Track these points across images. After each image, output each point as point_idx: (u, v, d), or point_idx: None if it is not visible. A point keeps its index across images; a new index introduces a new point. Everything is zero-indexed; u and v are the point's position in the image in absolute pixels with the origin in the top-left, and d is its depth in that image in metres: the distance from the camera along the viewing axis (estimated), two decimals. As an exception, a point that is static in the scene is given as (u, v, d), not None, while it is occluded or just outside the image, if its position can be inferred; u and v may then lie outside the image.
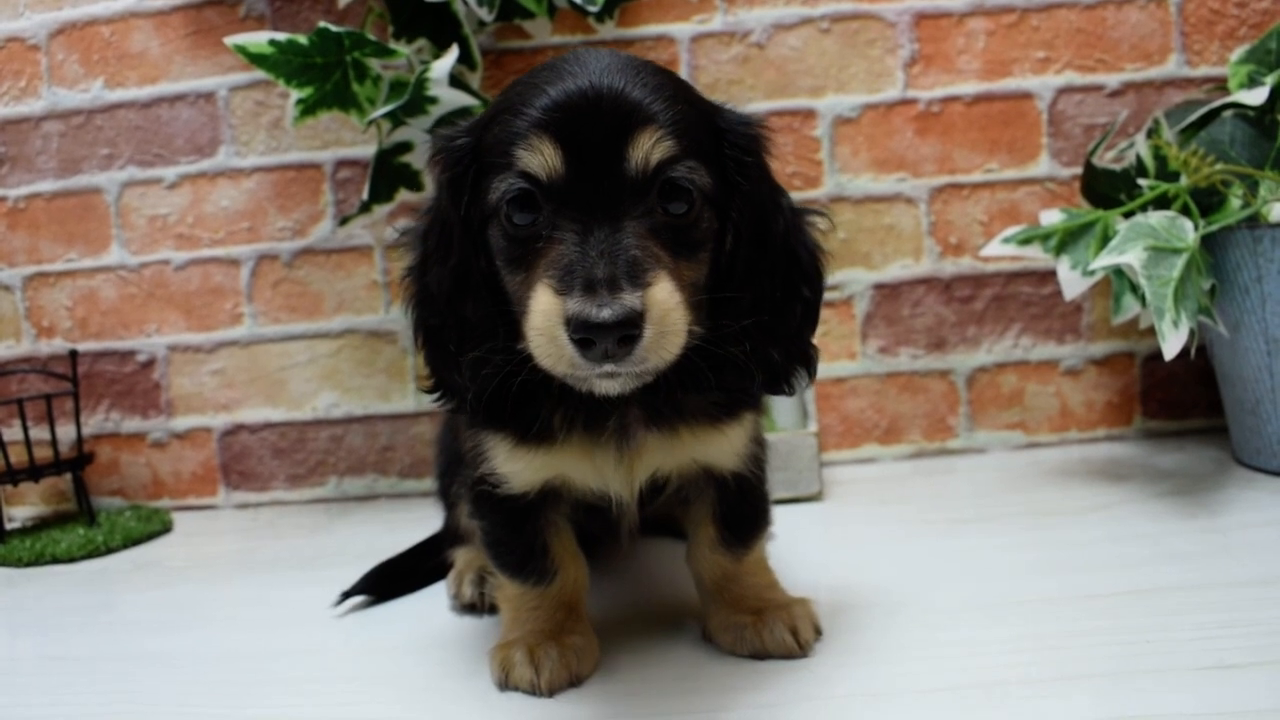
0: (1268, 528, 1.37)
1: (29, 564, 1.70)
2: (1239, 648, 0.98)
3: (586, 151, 0.87)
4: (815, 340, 1.04)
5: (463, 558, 1.35)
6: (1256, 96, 1.60)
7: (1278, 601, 1.09)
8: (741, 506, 1.10)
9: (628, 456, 1.01)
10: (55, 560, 1.71)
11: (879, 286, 1.98)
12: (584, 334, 0.81)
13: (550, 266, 0.85)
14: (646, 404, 1.00)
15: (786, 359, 1.00)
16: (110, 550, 1.76)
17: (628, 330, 0.81)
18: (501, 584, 1.10)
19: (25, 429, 1.81)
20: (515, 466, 1.02)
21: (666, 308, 0.84)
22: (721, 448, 1.05)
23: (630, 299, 0.81)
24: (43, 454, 1.84)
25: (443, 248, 0.98)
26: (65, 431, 1.94)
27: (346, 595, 1.35)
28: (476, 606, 1.28)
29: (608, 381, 0.86)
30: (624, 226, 0.86)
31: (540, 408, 0.99)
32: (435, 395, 1.03)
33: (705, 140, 0.94)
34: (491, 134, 0.93)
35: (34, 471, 1.81)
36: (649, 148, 0.87)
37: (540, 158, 0.87)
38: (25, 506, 2.08)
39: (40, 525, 1.89)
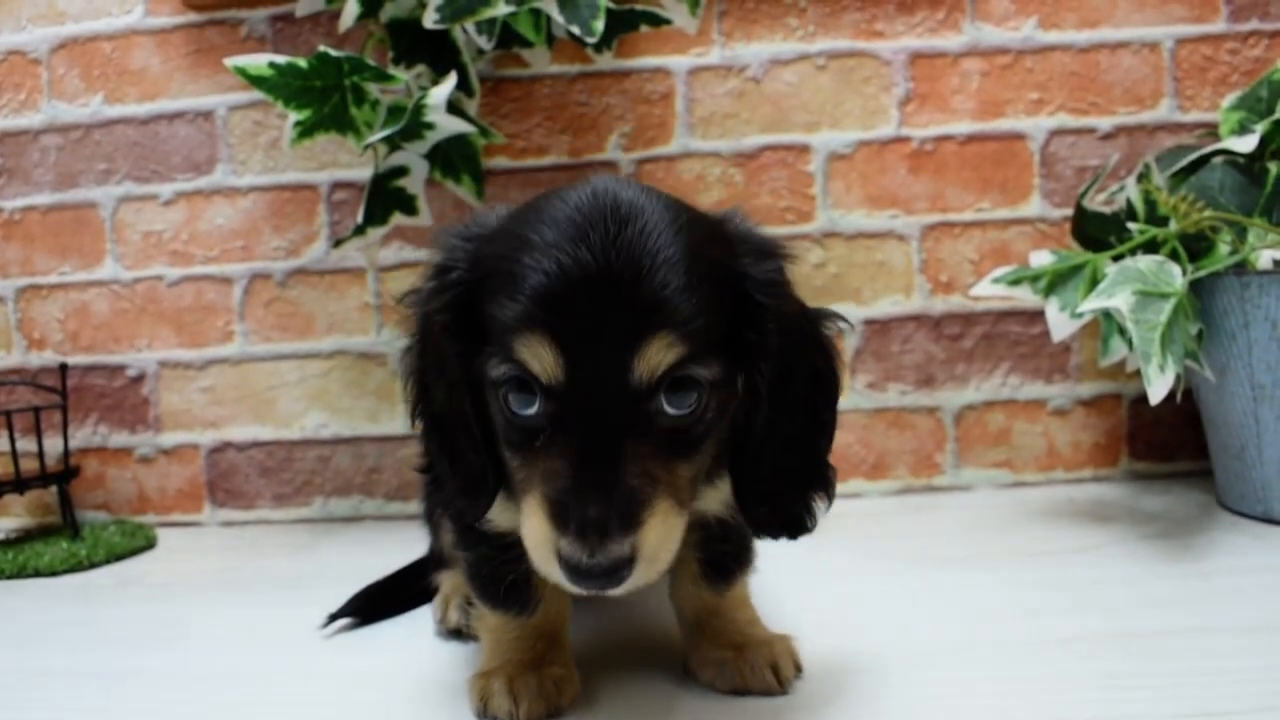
0: (1251, 573, 1.37)
1: (10, 576, 1.69)
2: (1220, 695, 0.98)
3: (589, 361, 0.81)
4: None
5: (449, 582, 1.35)
6: (1246, 144, 1.61)
7: (1259, 649, 1.09)
8: (725, 544, 1.09)
9: None
10: (37, 573, 1.70)
11: (869, 322, 1.99)
12: (573, 575, 0.81)
13: (546, 483, 0.83)
14: None
15: (808, 497, 0.98)
16: (93, 565, 1.75)
17: (616, 575, 0.80)
18: (482, 613, 1.09)
19: (12, 441, 1.81)
20: (502, 511, 1.02)
21: (658, 544, 0.83)
22: (710, 498, 1.04)
23: (620, 548, 0.79)
24: (29, 466, 1.83)
25: (439, 364, 0.94)
26: (52, 444, 1.93)
27: (334, 617, 1.35)
28: (462, 631, 1.28)
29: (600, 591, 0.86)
30: (622, 448, 0.82)
31: None
32: (428, 478, 1.05)
33: (724, 304, 0.87)
34: (490, 292, 0.86)
35: (19, 484, 1.80)
36: (658, 359, 0.81)
37: (539, 362, 0.82)
38: (9, 518, 2.08)
39: (24, 537, 1.88)
